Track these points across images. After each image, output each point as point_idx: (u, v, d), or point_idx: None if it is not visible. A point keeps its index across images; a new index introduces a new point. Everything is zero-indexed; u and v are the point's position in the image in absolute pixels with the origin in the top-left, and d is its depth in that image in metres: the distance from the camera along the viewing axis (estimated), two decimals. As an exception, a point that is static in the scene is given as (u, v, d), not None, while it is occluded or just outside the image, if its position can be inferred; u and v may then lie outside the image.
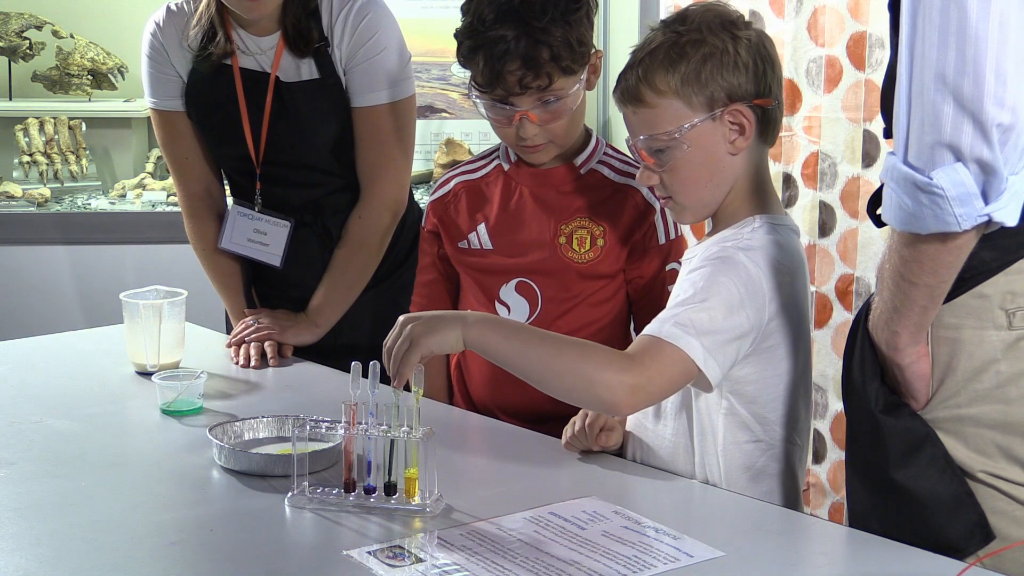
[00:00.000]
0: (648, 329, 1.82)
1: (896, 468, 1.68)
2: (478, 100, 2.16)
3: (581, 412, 1.97)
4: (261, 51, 2.53)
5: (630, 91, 1.87)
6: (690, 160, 1.86)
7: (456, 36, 2.16)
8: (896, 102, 1.57)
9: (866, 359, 1.72)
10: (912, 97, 1.53)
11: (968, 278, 1.63)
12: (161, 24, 2.57)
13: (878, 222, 1.98)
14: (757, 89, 1.86)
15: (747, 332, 1.81)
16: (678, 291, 1.87)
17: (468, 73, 2.17)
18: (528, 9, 2.08)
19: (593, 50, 2.16)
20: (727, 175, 1.88)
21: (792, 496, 1.94)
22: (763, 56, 1.88)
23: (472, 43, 2.12)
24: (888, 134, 1.83)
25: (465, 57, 2.14)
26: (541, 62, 2.08)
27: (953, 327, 1.66)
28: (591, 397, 1.80)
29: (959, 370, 1.67)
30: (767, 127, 1.89)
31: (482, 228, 2.28)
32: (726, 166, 1.88)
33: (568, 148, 2.24)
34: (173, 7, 2.58)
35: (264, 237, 2.60)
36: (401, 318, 1.83)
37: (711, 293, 1.80)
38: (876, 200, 1.91)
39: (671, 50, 1.84)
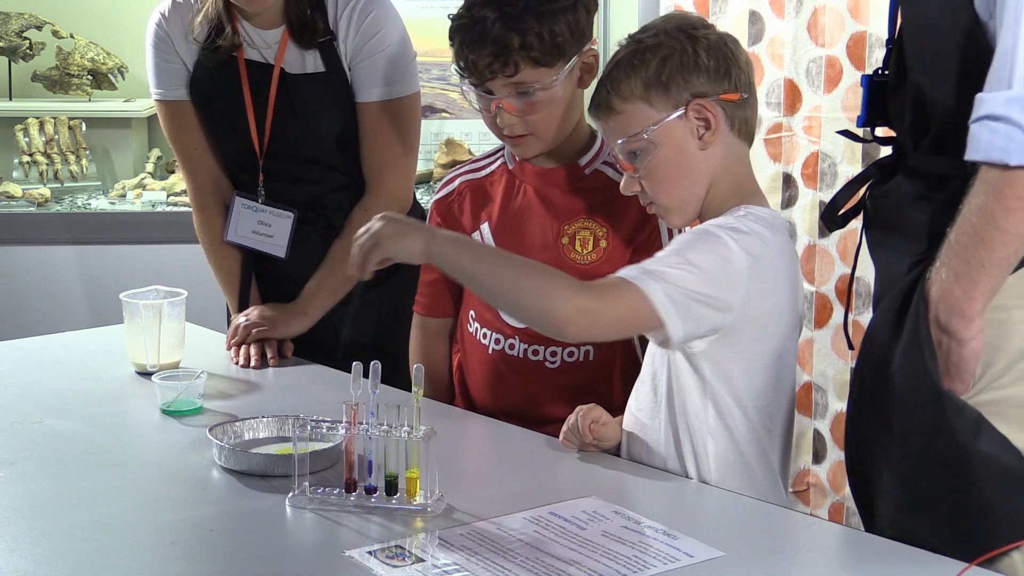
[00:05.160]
0: (617, 272, 1.84)
1: (974, 440, 1.70)
2: (462, 84, 2.18)
3: (577, 408, 1.98)
4: (267, 45, 2.54)
5: (601, 103, 1.96)
6: (663, 160, 1.91)
7: (449, 18, 2.17)
8: (1004, 38, 1.62)
9: (922, 335, 1.72)
10: None
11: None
12: (166, 14, 2.57)
13: (832, 225, 2.01)
14: (720, 86, 1.91)
15: (718, 304, 1.82)
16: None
17: None
18: None
19: (586, 47, 2.15)
20: (702, 172, 1.92)
21: (771, 481, 1.94)
22: (724, 55, 1.93)
23: (454, 24, 2.14)
24: (864, 122, 1.88)
25: (450, 39, 2.16)
26: (510, 49, 2.08)
27: (1001, 308, 1.69)
28: (540, 313, 1.81)
29: (1012, 351, 1.70)
30: (738, 122, 1.94)
31: (485, 227, 2.27)
32: (699, 162, 1.92)
33: (571, 148, 2.22)
34: None
35: (268, 229, 2.60)
36: (378, 215, 1.90)
37: (687, 255, 1.83)
38: (834, 207, 1.96)
39: (633, 58, 1.93)
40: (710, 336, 1.85)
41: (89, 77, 4.28)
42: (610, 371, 2.18)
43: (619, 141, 1.93)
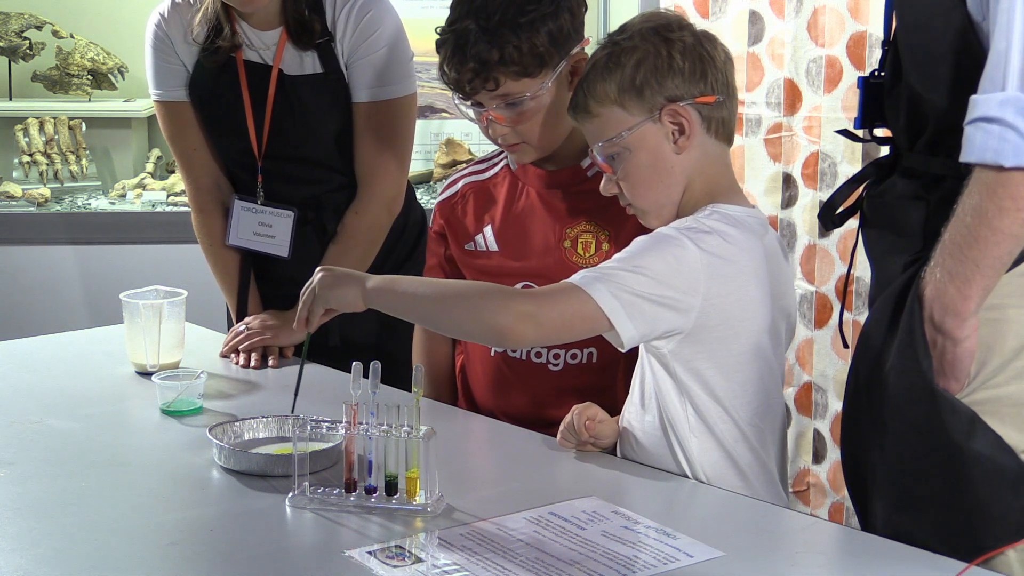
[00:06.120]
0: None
1: (967, 439, 1.70)
2: (454, 98, 2.17)
3: (573, 407, 1.99)
4: (265, 46, 2.54)
5: (579, 106, 1.96)
6: (638, 164, 1.91)
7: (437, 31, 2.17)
8: (997, 40, 1.62)
9: (916, 334, 1.73)
10: None
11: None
12: (166, 15, 2.57)
13: (829, 224, 2.01)
14: (696, 88, 1.90)
15: (674, 305, 1.81)
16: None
17: None
18: (480, 10, 2.08)
19: (575, 50, 2.13)
20: (677, 175, 1.92)
21: (766, 481, 1.94)
22: (700, 56, 1.92)
23: (438, 40, 2.14)
24: (861, 124, 1.88)
25: (437, 53, 2.15)
26: (490, 65, 2.07)
27: (996, 307, 1.70)
28: (484, 327, 1.83)
29: (1006, 350, 1.70)
30: (714, 123, 1.93)
31: (488, 230, 2.27)
32: (674, 166, 1.92)
33: (573, 150, 2.20)
34: (178, 0, 2.58)
35: (269, 230, 2.61)
36: (318, 268, 1.97)
37: (638, 257, 1.83)
38: (831, 206, 1.96)
39: (609, 61, 1.92)
40: (673, 336, 1.85)
41: (89, 77, 4.29)
42: (614, 373, 2.17)
43: (597, 144, 1.93)
